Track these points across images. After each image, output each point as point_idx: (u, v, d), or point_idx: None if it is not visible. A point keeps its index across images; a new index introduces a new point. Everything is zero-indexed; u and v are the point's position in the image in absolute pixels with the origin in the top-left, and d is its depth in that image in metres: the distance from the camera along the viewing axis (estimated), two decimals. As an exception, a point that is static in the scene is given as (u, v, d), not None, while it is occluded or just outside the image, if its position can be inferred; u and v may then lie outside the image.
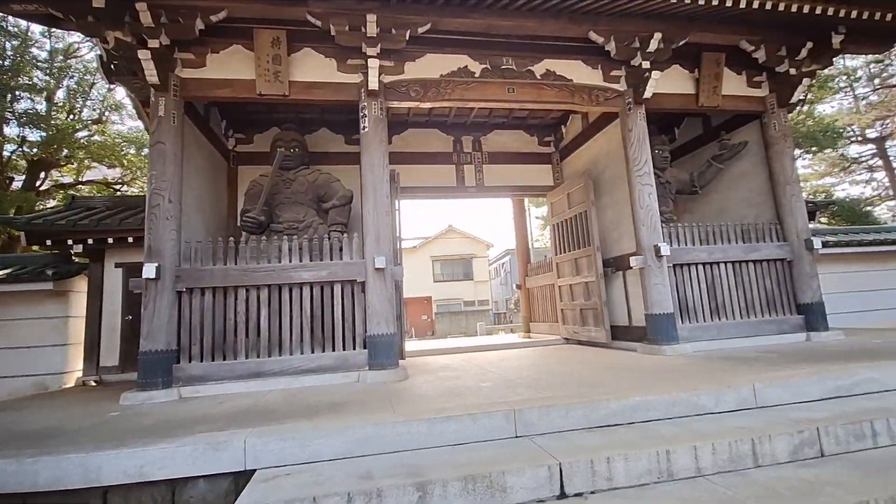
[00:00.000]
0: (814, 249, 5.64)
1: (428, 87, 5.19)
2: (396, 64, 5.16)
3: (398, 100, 5.19)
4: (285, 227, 5.54)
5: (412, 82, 5.17)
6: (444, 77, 5.26)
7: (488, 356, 6.10)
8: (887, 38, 5.96)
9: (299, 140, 6.00)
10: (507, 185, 7.64)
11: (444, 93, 5.22)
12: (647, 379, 3.61)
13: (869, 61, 18.83)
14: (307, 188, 5.78)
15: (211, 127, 6.12)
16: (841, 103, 21.58)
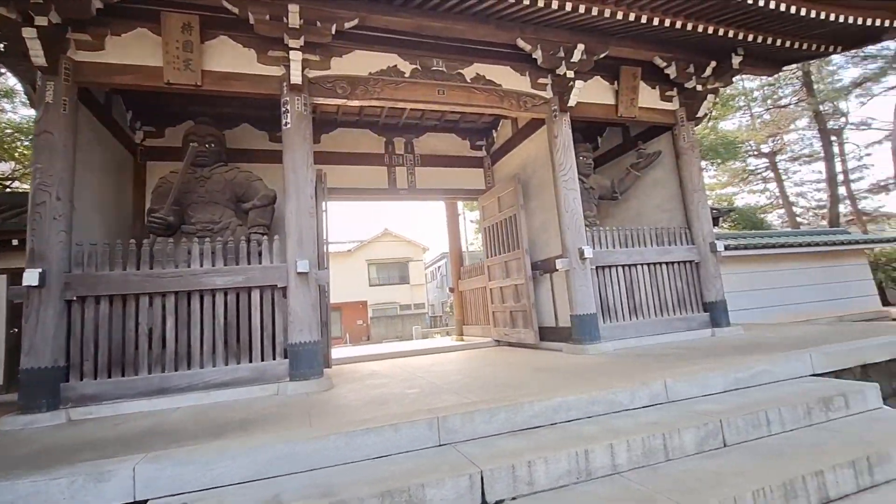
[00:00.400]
0: (717, 252, 6.12)
1: (356, 84, 5.02)
2: (322, 58, 4.94)
3: (324, 96, 4.97)
4: (198, 228, 5.11)
5: (339, 78, 4.98)
6: (373, 75, 5.12)
7: (419, 361, 6.01)
8: (778, 62, 6.65)
9: (216, 135, 5.57)
10: (440, 188, 7.62)
11: (372, 91, 5.07)
12: (569, 379, 3.69)
13: (763, 84, 21.08)
14: (224, 187, 5.38)
15: (114, 118, 5.53)
16: (740, 120, 23.99)
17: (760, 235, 10.03)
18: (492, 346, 7.17)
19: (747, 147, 22.91)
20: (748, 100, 21.71)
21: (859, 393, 3.23)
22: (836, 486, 2.33)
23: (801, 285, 9.90)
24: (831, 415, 3.09)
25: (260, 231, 5.18)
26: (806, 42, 5.75)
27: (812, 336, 5.08)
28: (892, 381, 4.21)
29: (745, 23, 5.26)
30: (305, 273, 4.33)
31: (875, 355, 4.12)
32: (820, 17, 4.99)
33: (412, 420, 2.65)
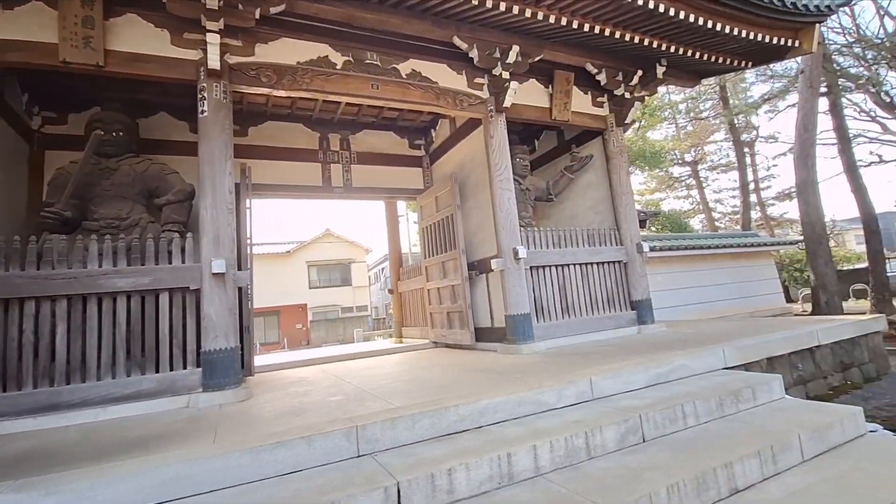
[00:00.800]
0: (643, 252, 6.40)
1: (282, 73, 4.73)
2: (245, 44, 4.62)
3: (247, 84, 4.65)
4: (102, 225, 4.60)
5: (264, 66, 4.67)
6: (301, 65, 4.85)
7: (351, 365, 5.78)
8: (697, 75, 7.08)
9: (124, 122, 5.07)
10: (377, 187, 7.42)
11: (301, 82, 4.81)
12: (500, 380, 3.65)
13: (687, 97, 22.63)
14: (134, 180, 4.90)
15: (7, 102, 4.88)
16: (667, 131, 25.65)
17: (682, 238, 10.68)
18: (429, 348, 7.06)
19: (672, 156, 24.53)
20: (674, 112, 23.21)
21: (765, 385, 3.43)
22: (743, 476, 2.42)
23: (718, 284, 10.64)
24: (741, 406, 3.25)
25: (175, 229, 4.76)
26: (721, 56, 6.14)
27: (725, 332, 5.41)
28: (794, 371, 4.56)
29: (667, 34, 5.52)
30: (222, 274, 4.00)
31: (778, 348, 4.43)
32: (732, 32, 5.34)
33: (327, 431, 2.47)
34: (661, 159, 17.20)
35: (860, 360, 5.17)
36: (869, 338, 5.32)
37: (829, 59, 10.13)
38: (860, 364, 5.15)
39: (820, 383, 4.71)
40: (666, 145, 23.83)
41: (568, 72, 6.25)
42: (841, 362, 4.98)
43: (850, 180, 11.36)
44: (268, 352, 19.97)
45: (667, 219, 15.03)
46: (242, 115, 6.55)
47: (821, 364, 4.78)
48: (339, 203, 8.89)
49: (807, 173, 9.65)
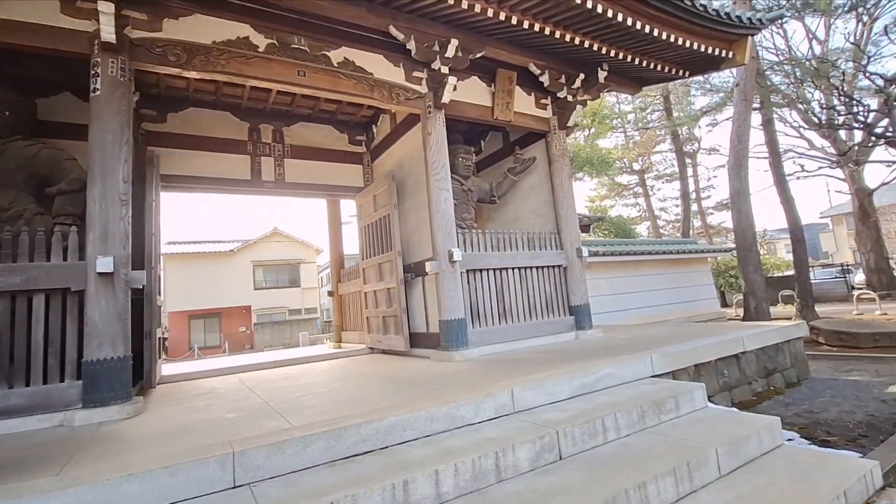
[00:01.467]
0: (583, 257, 6.35)
1: (194, 52, 4.29)
2: (151, 17, 4.15)
3: (152, 62, 4.17)
4: (-25, 215, 4.00)
5: (173, 44, 4.21)
6: (217, 45, 4.42)
7: (273, 374, 5.36)
8: (639, 82, 7.15)
9: (13, 101, 4.45)
10: (314, 184, 7.00)
11: (216, 63, 4.38)
12: (419, 391, 3.40)
13: (635, 108, 23.42)
14: (20, 165, 4.31)
15: None
16: (617, 140, 26.49)
17: (625, 243, 10.90)
18: (364, 354, 6.73)
19: (621, 164, 25.35)
20: (623, 121, 23.96)
21: (688, 394, 3.36)
22: (657, 496, 2.28)
23: (658, 289, 10.92)
24: (663, 417, 3.15)
25: (69, 222, 4.19)
26: (660, 63, 6.20)
27: (658, 337, 5.41)
28: (720, 378, 4.58)
29: (608, 37, 5.48)
30: (110, 274, 3.52)
31: (705, 355, 4.43)
32: (669, 39, 5.36)
33: (199, 458, 2.12)
34: (608, 166, 17.66)
35: (783, 366, 5.31)
36: (791, 343, 5.48)
37: (763, 76, 10.66)
38: (783, 370, 5.28)
39: (745, 389, 4.77)
40: (615, 153, 24.59)
41: (511, 71, 6.12)
42: (765, 368, 5.08)
43: (780, 192, 11.98)
44: (207, 356, 18.88)
45: (612, 224, 15.39)
46: (160, 99, 5.98)
47: (746, 370, 4.85)
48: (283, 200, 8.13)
49: (740, 183, 10.07)
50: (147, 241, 4.65)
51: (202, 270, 21.60)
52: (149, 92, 5.81)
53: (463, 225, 6.60)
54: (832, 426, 3.78)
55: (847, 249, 30.12)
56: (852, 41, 9.56)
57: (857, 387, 5.02)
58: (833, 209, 31.66)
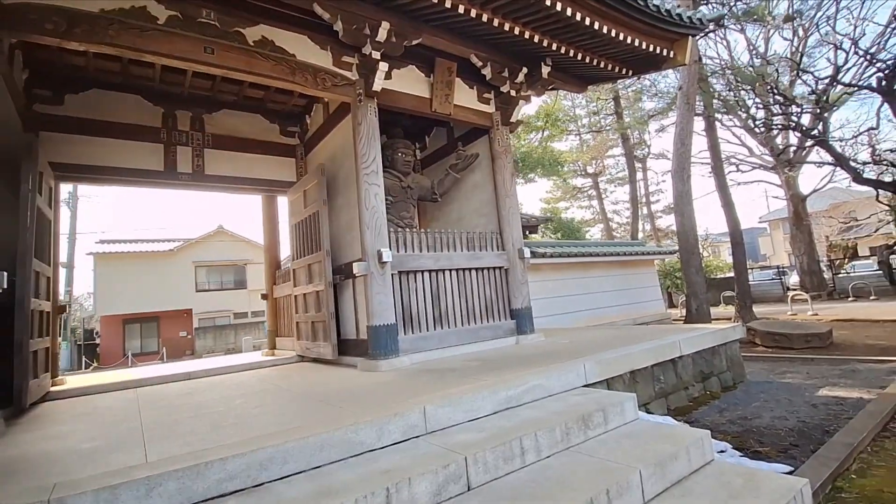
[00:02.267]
0: (524, 258, 6.12)
1: (77, 21, 3.70)
2: (20, -23, 3.54)
3: (23, 30, 3.56)
4: None
5: (51, 10, 3.61)
6: (106, 13, 3.84)
7: (180, 388, 4.79)
8: (584, 80, 7.01)
9: None
10: (240, 177, 6.42)
11: (103, 34, 3.80)
12: (325, 410, 3.00)
13: (590, 112, 23.83)
14: None
15: None
16: (572, 142, 26.90)
17: (575, 245, 10.86)
18: (293, 363, 6.22)
19: (576, 167, 25.76)
20: (578, 125, 24.32)
21: (618, 406, 3.12)
22: (570, 533, 1.98)
23: (606, 291, 10.93)
24: (589, 433, 2.89)
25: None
26: (602, 60, 6.05)
27: (598, 341, 5.23)
28: (656, 384, 4.42)
29: (549, 29, 5.25)
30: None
31: (641, 361, 4.25)
32: (611, 33, 5.20)
33: (-12, 516, 1.64)
34: (559, 168, 17.76)
35: (719, 370, 5.24)
36: (728, 346, 5.44)
37: (706, 81, 10.91)
38: (719, 373, 5.22)
39: (681, 395, 4.64)
40: (569, 156, 24.93)
41: (451, 61, 5.80)
42: (701, 372, 4.99)
43: (721, 196, 12.33)
44: (141, 363, 17.57)
45: (562, 226, 15.43)
46: (55, 79, 5.27)
47: (682, 375, 4.72)
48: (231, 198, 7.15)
49: (683, 186, 10.23)
50: (22, 237, 3.97)
51: (139, 271, 20.11)
52: (41, 69, 5.11)
53: (402, 224, 6.24)
54: (764, 434, 3.66)
55: (783, 252, 31.93)
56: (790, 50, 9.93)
57: (790, 390, 5.01)
58: (771, 214, 33.52)
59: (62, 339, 16.40)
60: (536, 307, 9.16)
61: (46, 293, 4.84)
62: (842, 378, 5.37)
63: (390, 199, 6.29)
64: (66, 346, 16.41)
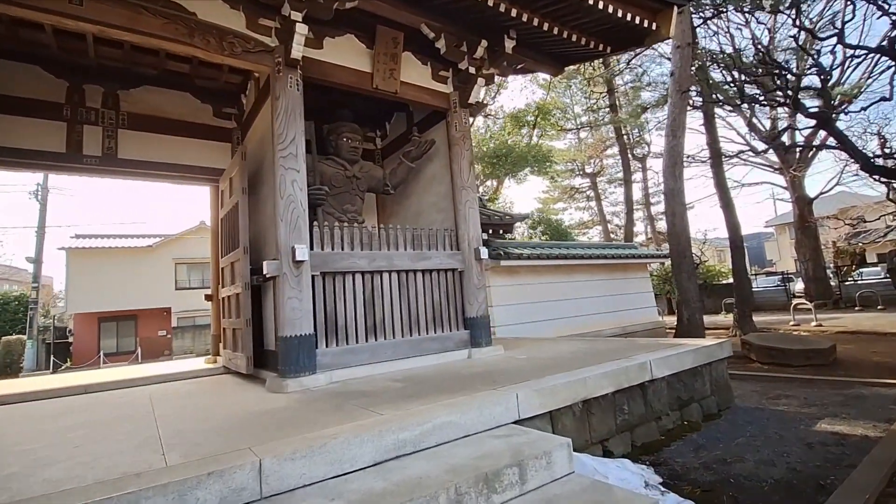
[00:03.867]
0: (481, 259, 5.33)
1: None
2: None
3: None
4: None
5: None
6: (-69, -53, 3.10)
7: (62, 406, 4.01)
8: (558, 60, 6.22)
9: None
10: (163, 163, 5.66)
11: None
12: (146, 456, 2.22)
13: (588, 108, 22.97)
14: None
15: None
16: (571, 141, 26.06)
17: (557, 246, 10.04)
18: (217, 375, 5.46)
19: (573, 166, 24.92)
20: (577, 122, 23.48)
21: (542, 457, 2.33)
22: None
23: (593, 297, 10.11)
24: (494, 499, 2.10)
25: None
26: (576, 34, 5.26)
27: (562, 358, 4.44)
28: (618, 415, 3.62)
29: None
30: None
31: (598, 387, 3.45)
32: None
33: None
34: (548, 165, 16.91)
35: (701, 394, 4.43)
36: (712, 367, 4.62)
37: (704, 70, 10.04)
38: (701, 399, 4.40)
39: (651, 427, 3.83)
40: (567, 155, 24.11)
41: (396, 31, 5.03)
42: (678, 398, 4.17)
43: (720, 196, 11.49)
44: (114, 363, 16.91)
45: (548, 226, 14.58)
46: (-73, 39, 4.55)
47: (654, 402, 3.91)
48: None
49: (674, 182, 9.38)
50: None
51: (116, 268, 19.45)
52: None
53: (344, 218, 5.50)
54: (743, 488, 2.86)
55: (790, 258, 30.88)
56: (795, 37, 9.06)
57: (783, 421, 4.19)
58: (777, 218, 32.46)
59: (27, 336, 15.73)
60: (511, 314, 8.40)
61: None
62: (844, 407, 4.54)
63: (330, 190, 5.54)
64: (31, 344, 15.68)
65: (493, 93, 18.35)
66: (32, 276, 16.38)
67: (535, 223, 14.30)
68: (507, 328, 8.15)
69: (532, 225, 14.11)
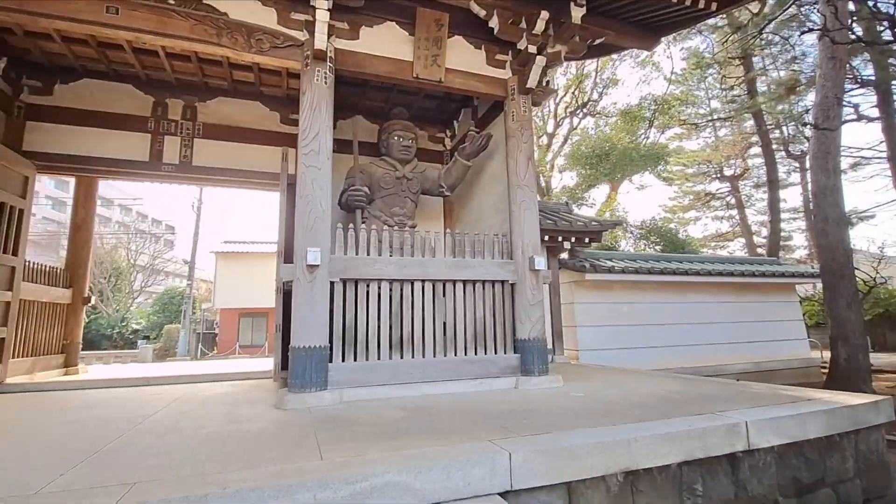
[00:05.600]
0: (537, 270, 4.47)
1: (-44, -19, 3.34)
2: None
3: None
4: None
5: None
6: (-1, -26, 3.45)
7: (92, 398, 4.22)
8: (648, 29, 5.09)
9: None
10: (231, 169, 5.87)
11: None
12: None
13: (726, 101, 19.75)
14: None
15: None
16: (706, 140, 22.74)
17: (662, 259, 8.42)
18: (264, 378, 5.43)
19: (708, 168, 21.62)
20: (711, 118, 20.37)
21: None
22: None
23: (714, 322, 8.28)
24: None
25: None
26: (665, -10, 4.19)
27: (637, 400, 3.43)
28: (685, 498, 2.53)
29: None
30: None
31: (653, 453, 2.44)
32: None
33: None
34: (658, 163, 14.56)
35: (837, 476, 3.00)
36: (860, 436, 3.13)
37: (873, 32, 7.49)
38: (837, 482, 2.98)
39: (744, 520, 2.64)
40: (700, 155, 21.07)
41: (440, 12, 4.50)
42: (796, 480, 2.86)
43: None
44: (246, 355, 19.07)
45: (660, 234, 12.47)
46: (44, 69, 5.29)
47: (750, 484, 2.70)
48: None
49: (826, 177, 7.13)
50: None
51: (253, 270, 22.08)
52: (25, 58, 5.14)
53: (391, 222, 5.12)
54: None
55: None
56: None
57: None
58: None
59: (181, 327, 18.55)
60: (599, 336, 7.20)
61: (8, 283, 4.74)
62: None
63: (379, 192, 5.21)
64: (183, 333, 18.56)
65: (602, 87, 16.73)
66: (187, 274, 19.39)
67: (646, 232, 12.43)
68: (593, 353, 6.98)
69: (644, 235, 12.28)
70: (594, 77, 17.34)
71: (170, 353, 18.61)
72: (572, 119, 18.46)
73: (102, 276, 23.12)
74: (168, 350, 18.88)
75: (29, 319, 5.31)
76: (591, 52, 5.38)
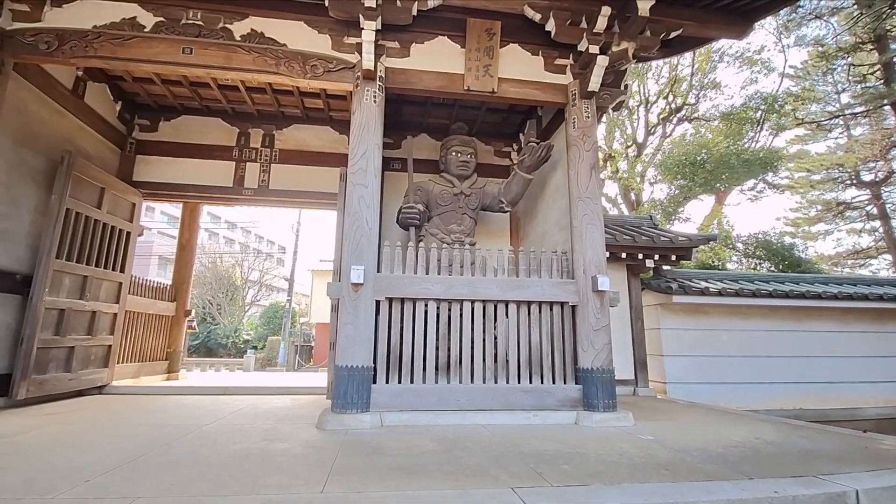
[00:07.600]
0: (602, 291, 4.00)
1: (65, 39, 3.92)
2: (32, 7, 3.95)
3: (25, 53, 3.93)
4: None
5: (45, 32, 3.92)
6: (98, 29, 3.99)
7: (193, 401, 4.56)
8: (739, 14, 4.44)
9: None
10: (301, 191, 6.19)
11: (88, 48, 3.94)
12: None
13: (858, 95, 16.90)
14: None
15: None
16: (836, 141, 19.63)
17: (771, 279, 7.18)
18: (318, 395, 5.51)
19: (840, 174, 18.53)
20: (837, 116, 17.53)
21: None
22: None
23: (841, 356, 6.87)
24: None
25: None
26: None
27: (717, 450, 2.87)
28: (770, 587, 1.97)
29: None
30: None
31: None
32: None
33: None
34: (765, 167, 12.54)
35: None
36: None
37: None
38: None
39: None
40: (829, 158, 18.20)
41: (491, 20, 4.34)
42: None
43: None
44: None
45: (769, 250, 10.66)
46: (151, 109, 6.05)
47: (871, 579, 2.03)
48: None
49: None
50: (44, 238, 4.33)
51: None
52: (136, 101, 5.91)
53: (448, 239, 5.00)
54: None
55: None
56: None
57: None
58: None
59: (282, 339, 20.08)
60: (692, 368, 6.35)
61: (115, 296, 5.37)
62: None
63: (437, 209, 5.13)
64: (283, 345, 20.12)
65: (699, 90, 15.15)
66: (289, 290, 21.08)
67: (753, 248, 10.80)
68: (684, 387, 6.11)
69: (752, 252, 10.66)
70: (690, 79, 15.89)
71: (271, 363, 20.20)
72: (665, 126, 17.06)
73: (221, 290, 25.97)
74: (270, 360, 20.53)
75: (136, 329, 6.00)
76: (670, 48, 4.83)
